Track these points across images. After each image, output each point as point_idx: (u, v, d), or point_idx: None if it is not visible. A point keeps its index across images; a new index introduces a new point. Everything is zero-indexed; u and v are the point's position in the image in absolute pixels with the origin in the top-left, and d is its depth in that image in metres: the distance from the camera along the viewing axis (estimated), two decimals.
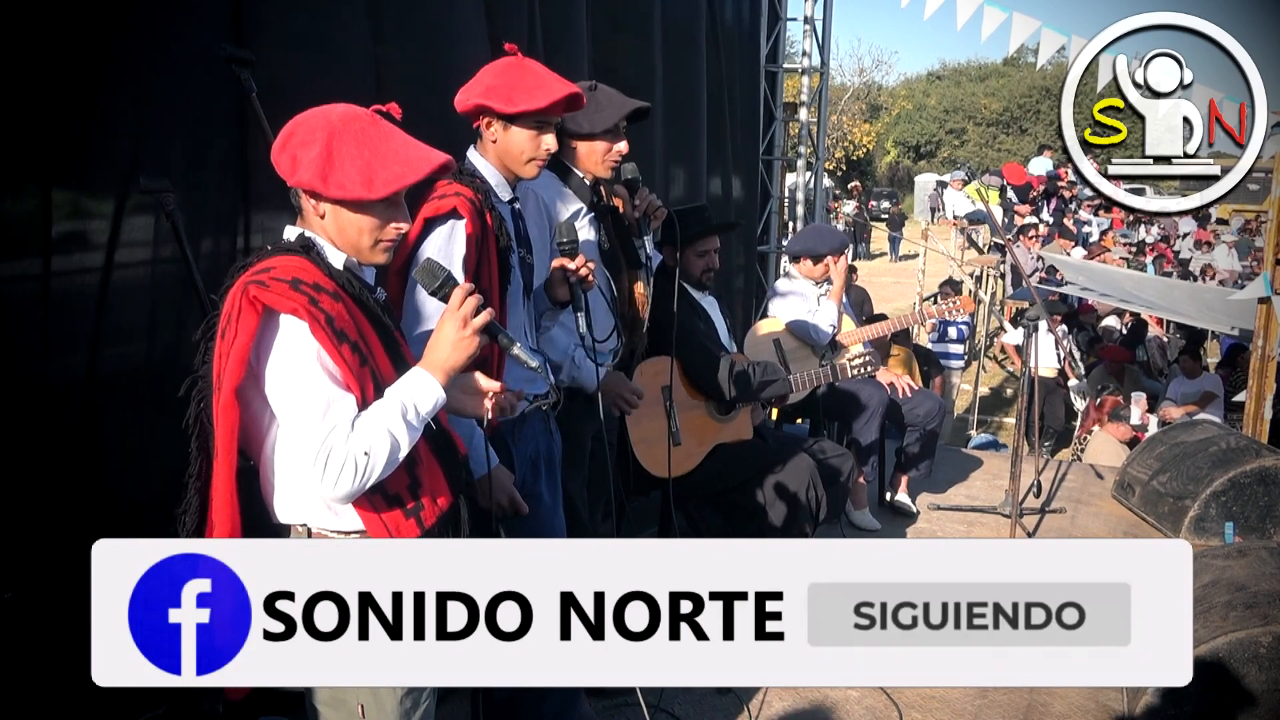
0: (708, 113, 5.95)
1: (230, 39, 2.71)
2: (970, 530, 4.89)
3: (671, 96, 5.44)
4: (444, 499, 1.82)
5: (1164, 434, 5.62)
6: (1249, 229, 17.81)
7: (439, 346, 1.76)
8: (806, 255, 4.65)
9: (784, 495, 3.46)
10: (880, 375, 4.66)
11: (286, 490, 1.76)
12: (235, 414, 1.68)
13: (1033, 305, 5.09)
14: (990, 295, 12.65)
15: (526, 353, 1.87)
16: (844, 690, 3.30)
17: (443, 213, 2.23)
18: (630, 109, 2.73)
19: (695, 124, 5.81)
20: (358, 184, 1.69)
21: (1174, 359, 10.77)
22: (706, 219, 3.69)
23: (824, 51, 7.30)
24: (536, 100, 2.30)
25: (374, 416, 1.68)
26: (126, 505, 2.51)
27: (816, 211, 7.54)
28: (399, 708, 1.75)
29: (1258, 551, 3.43)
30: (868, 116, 34.07)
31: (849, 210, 22.11)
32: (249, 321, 1.65)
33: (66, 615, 2.13)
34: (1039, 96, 34.64)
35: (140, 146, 2.62)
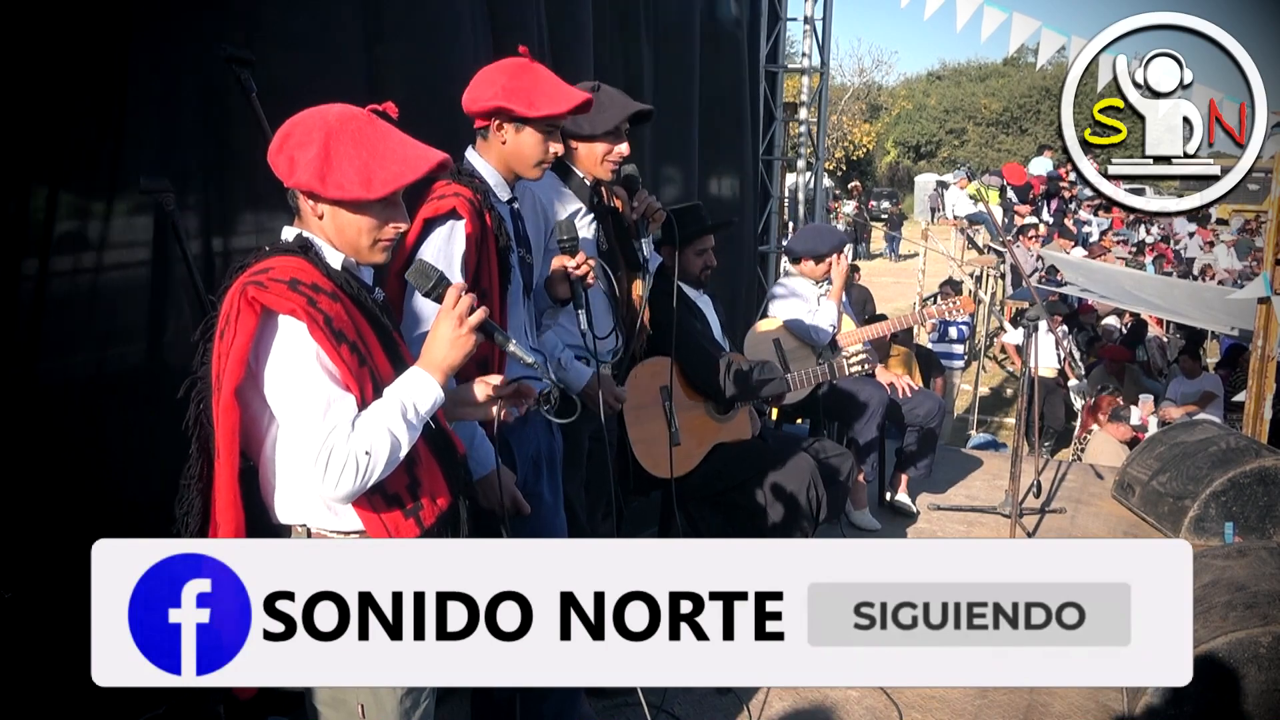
0: (701, 113, 5.94)
1: (230, 39, 2.71)
2: (970, 530, 4.89)
3: (666, 96, 5.43)
4: (443, 499, 1.82)
5: (1164, 434, 5.62)
6: (1249, 229, 17.81)
7: (435, 346, 1.76)
8: (808, 256, 4.65)
9: (783, 495, 3.46)
10: (880, 375, 4.66)
11: (286, 491, 1.76)
12: (235, 414, 1.68)
13: (1033, 305, 5.09)
14: (990, 295, 12.65)
15: (523, 349, 1.88)
16: (844, 690, 3.30)
17: (442, 213, 2.23)
18: (632, 110, 2.73)
19: (688, 124, 5.80)
20: (356, 184, 1.69)
21: (1174, 359, 10.77)
22: (703, 218, 3.70)
23: (824, 51, 7.30)
24: (558, 105, 2.30)
25: (374, 416, 1.68)
26: (126, 505, 2.51)
27: (816, 211, 7.54)
28: (399, 707, 1.75)
29: (1258, 551, 3.43)
30: (868, 116, 34.08)
31: (849, 210, 22.11)
32: (247, 322, 1.65)
33: (66, 615, 2.13)
34: (1039, 96, 34.64)
35: (140, 146, 2.62)
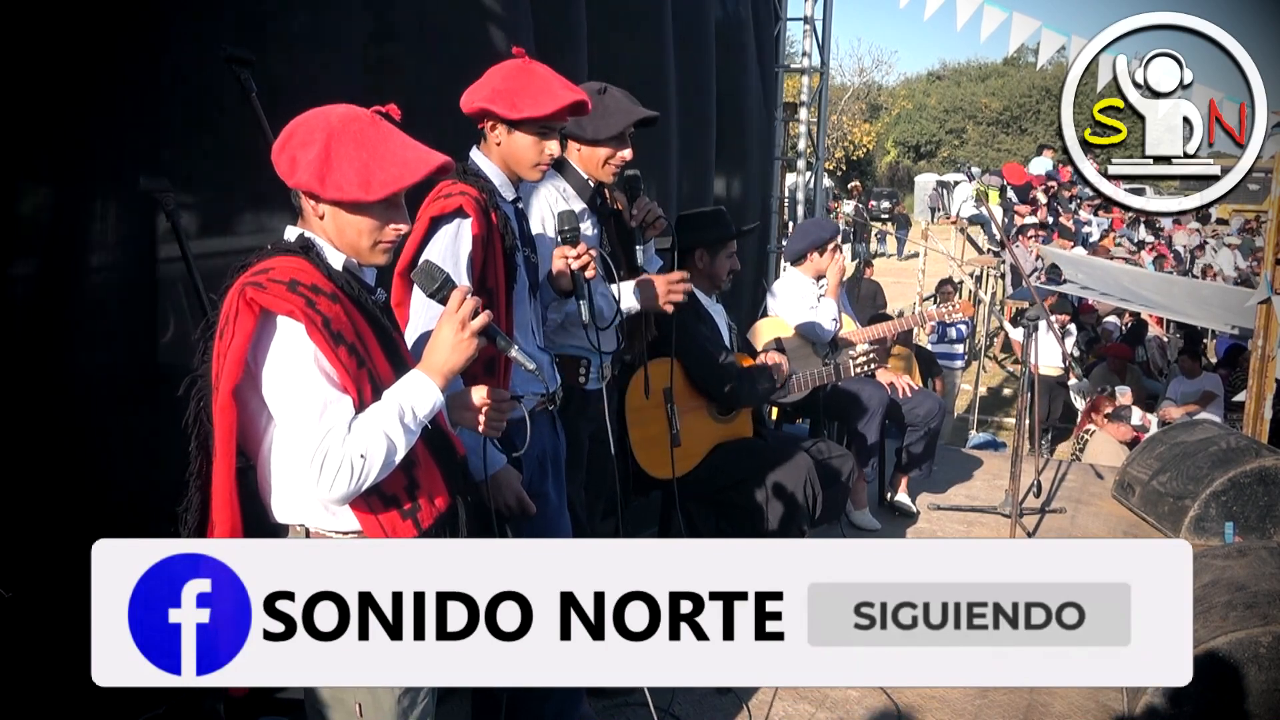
0: (718, 112, 5.94)
1: (230, 39, 2.71)
2: (970, 530, 4.89)
3: (684, 97, 5.42)
4: (442, 500, 1.82)
5: (1164, 434, 5.62)
6: (1249, 229, 17.81)
7: (437, 349, 1.76)
8: (814, 249, 4.63)
9: (781, 494, 3.46)
10: (880, 375, 4.66)
11: (284, 491, 1.76)
12: (233, 414, 1.68)
13: (1032, 305, 5.09)
14: (990, 295, 12.65)
15: (524, 355, 1.88)
16: (844, 690, 3.30)
17: (448, 212, 2.23)
18: (638, 117, 2.71)
19: (705, 124, 5.80)
20: (355, 186, 1.69)
21: (1174, 359, 10.77)
22: (727, 223, 3.72)
23: (824, 51, 7.30)
24: (541, 107, 2.30)
25: (371, 419, 1.68)
26: (126, 505, 2.51)
27: (816, 211, 7.54)
28: (396, 706, 1.75)
29: (1258, 551, 3.44)
30: (868, 116, 34.07)
31: (849, 210, 22.10)
32: (246, 323, 1.65)
33: (66, 615, 2.12)
34: (1039, 96, 34.63)
35: (141, 146, 2.62)
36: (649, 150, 4.74)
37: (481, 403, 1.88)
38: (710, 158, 5.90)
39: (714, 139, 5.90)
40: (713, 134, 5.88)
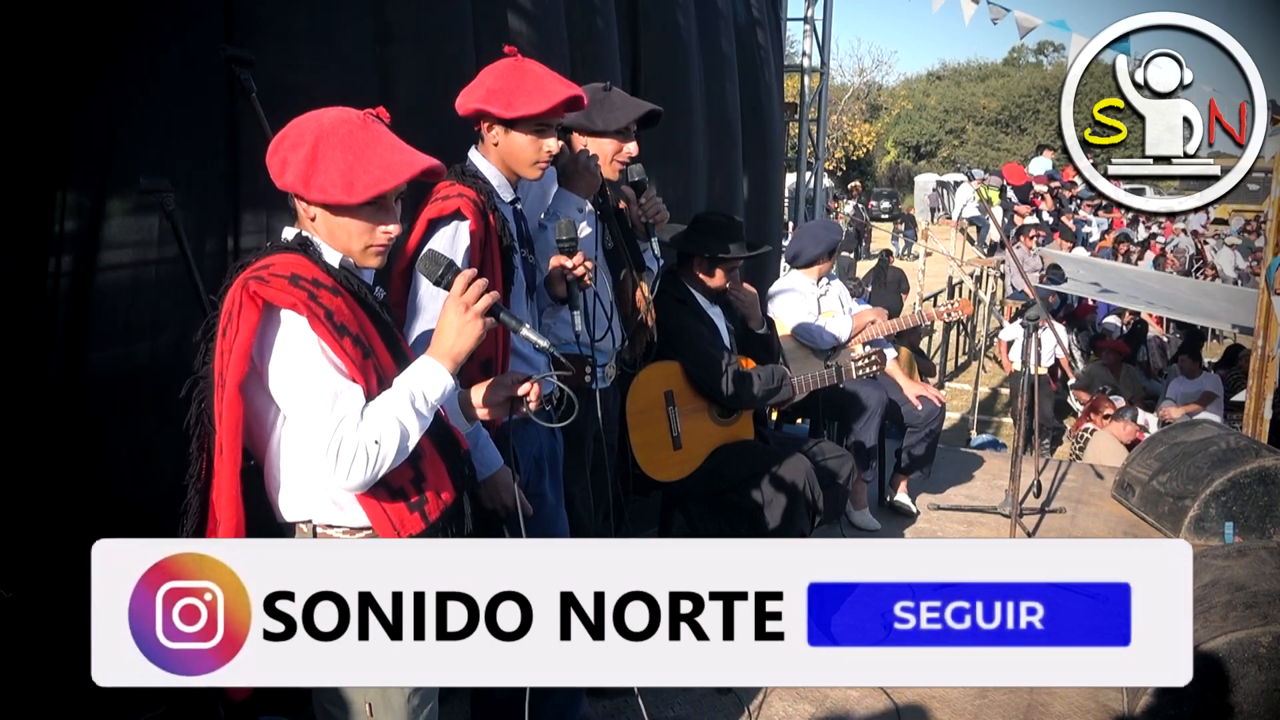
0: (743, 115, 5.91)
1: (230, 39, 2.70)
2: (970, 530, 4.89)
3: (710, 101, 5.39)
4: (447, 493, 1.83)
5: (1164, 434, 5.62)
6: (1249, 229, 17.81)
7: (444, 333, 1.76)
8: (827, 255, 4.65)
9: (780, 496, 3.46)
10: (906, 389, 4.68)
11: (291, 487, 1.77)
12: (239, 410, 1.69)
13: (1032, 305, 5.09)
14: (990, 295, 12.65)
15: (535, 333, 1.87)
16: (844, 690, 3.30)
17: (446, 214, 2.24)
18: (643, 112, 2.73)
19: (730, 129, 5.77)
20: (338, 188, 1.69)
21: (1174, 359, 10.76)
22: (740, 237, 3.62)
23: (824, 51, 7.31)
24: (535, 105, 2.30)
25: (382, 405, 1.69)
26: (126, 505, 2.51)
27: (817, 211, 7.55)
28: (406, 706, 1.75)
29: (1258, 551, 3.44)
30: (868, 116, 34.10)
31: (849, 210, 22.09)
32: (250, 317, 1.66)
33: (66, 615, 2.12)
34: (1039, 96, 34.66)
35: (140, 146, 2.62)
36: (676, 154, 4.69)
37: (514, 385, 1.91)
38: (738, 159, 5.85)
39: (740, 139, 5.86)
40: (739, 134, 5.84)
